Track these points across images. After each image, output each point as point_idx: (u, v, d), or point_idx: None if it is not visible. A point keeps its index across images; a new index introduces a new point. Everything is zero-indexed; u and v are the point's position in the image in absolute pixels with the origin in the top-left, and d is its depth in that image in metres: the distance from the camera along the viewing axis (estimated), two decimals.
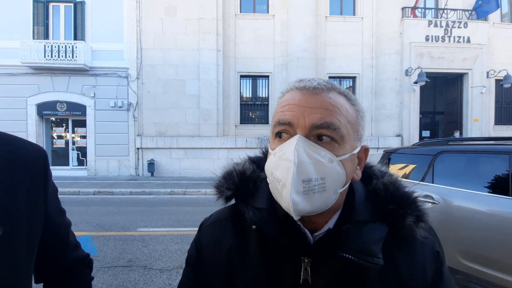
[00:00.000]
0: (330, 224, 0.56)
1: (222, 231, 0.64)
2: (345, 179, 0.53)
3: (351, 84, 12.74)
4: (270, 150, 0.56)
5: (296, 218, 0.50)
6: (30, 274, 0.61)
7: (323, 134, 0.51)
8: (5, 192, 0.54)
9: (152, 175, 11.37)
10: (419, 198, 0.60)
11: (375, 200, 0.59)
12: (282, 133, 0.54)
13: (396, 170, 3.38)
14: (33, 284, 0.67)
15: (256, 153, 0.74)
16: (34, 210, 0.59)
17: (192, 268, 0.66)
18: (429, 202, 2.73)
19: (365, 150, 0.58)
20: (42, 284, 0.75)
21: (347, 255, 0.51)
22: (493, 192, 2.44)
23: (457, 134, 11.36)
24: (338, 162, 0.51)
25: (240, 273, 0.59)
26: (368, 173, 0.64)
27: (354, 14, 12.62)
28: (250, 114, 12.61)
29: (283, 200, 0.50)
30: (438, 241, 2.51)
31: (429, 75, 11.30)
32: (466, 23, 11.83)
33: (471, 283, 2.40)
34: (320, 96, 0.53)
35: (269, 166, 0.54)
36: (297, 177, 0.48)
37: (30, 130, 11.38)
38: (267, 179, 0.56)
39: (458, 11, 12.10)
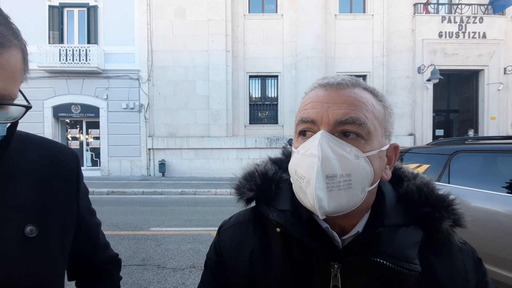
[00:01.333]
0: (359, 227, 0.53)
1: (243, 233, 0.62)
2: (373, 177, 0.50)
3: None
4: (293, 149, 0.55)
5: (321, 217, 0.48)
6: (63, 272, 0.63)
7: (348, 130, 0.49)
8: (41, 193, 0.56)
9: (163, 175, 11.52)
10: (455, 201, 0.56)
11: (408, 203, 0.55)
12: (306, 131, 0.52)
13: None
14: (66, 282, 0.69)
15: (277, 154, 0.72)
16: (67, 211, 0.61)
17: (211, 272, 0.63)
18: None
19: (394, 148, 0.56)
20: (74, 282, 0.77)
21: (381, 260, 0.48)
22: None
23: (471, 133, 11.03)
24: (365, 159, 0.49)
25: (263, 278, 0.56)
26: (398, 174, 0.61)
27: (364, 12, 12.45)
28: (259, 114, 12.61)
29: (307, 198, 0.48)
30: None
31: (443, 72, 11.04)
32: (481, 18, 11.50)
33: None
34: (345, 92, 0.51)
35: (292, 165, 0.53)
36: (322, 172, 0.46)
37: (47, 132, 11.70)
38: (291, 178, 0.55)
39: (473, 6, 11.76)
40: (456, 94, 13.69)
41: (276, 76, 12.34)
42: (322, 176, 0.46)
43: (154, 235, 4.77)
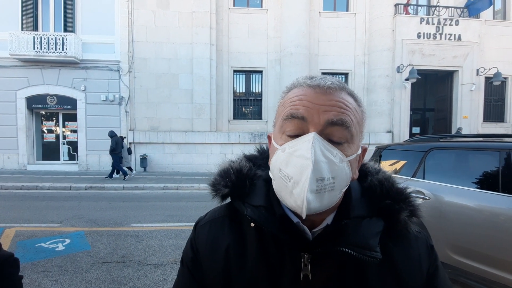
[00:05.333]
0: (328, 220, 0.56)
1: (219, 230, 0.63)
2: (350, 179, 0.54)
3: (343, 81, 12.80)
4: (276, 146, 0.55)
5: (304, 216, 0.50)
6: None
7: (335, 134, 0.51)
8: None
9: (145, 170, 11.29)
10: (412, 194, 0.61)
11: (371, 196, 0.59)
12: (295, 135, 0.53)
13: (387, 166, 3.44)
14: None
15: (251, 151, 0.74)
16: None
17: (188, 269, 0.64)
18: (420, 197, 2.79)
19: (364, 150, 0.59)
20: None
21: (346, 249, 0.52)
22: (482, 188, 2.51)
23: (460, 131, 11.50)
24: (347, 162, 0.52)
25: (238, 272, 0.58)
26: (363, 170, 0.65)
27: (347, 10, 12.63)
28: (243, 109, 12.58)
29: (292, 198, 0.50)
30: (429, 235, 2.58)
31: (420, 72, 11.44)
32: (457, 20, 11.97)
33: (460, 277, 2.48)
34: (333, 96, 0.53)
35: (276, 162, 0.53)
36: (313, 175, 0.47)
37: (20, 124, 11.14)
38: (272, 174, 0.56)
39: (450, 8, 12.23)
40: (432, 93, 14.25)
41: (261, 72, 12.32)
42: (314, 179, 0.47)
43: (135, 231, 4.69)
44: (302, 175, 0.48)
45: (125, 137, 10.44)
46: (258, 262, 0.57)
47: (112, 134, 9.79)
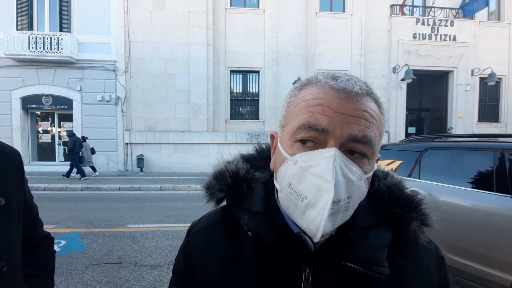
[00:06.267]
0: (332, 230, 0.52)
1: (213, 237, 0.58)
2: (364, 196, 0.49)
3: None
4: (285, 155, 0.49)
5: (316, 240, 0.44)
6: (20, 240, 0.77)
7: (357, 148, 0.45)
8: (1, 178, 0.75)
9: (141, 170, 11.23)
10: (423, 201, 0.55)
11: (378, 204, 0.54)
12: (308, 140, 0.46)
13: (383, 166, 3.45)
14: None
15: (248, 150, 0.68)
16: (18, 191, 0.79)
17: (180, 279, 0.60)
18: None
19: (377, 159, 0.53)
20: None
21: (350, 264, 0.47)
22: (477, 187, 2.53)
23: (453, 132, 11.65)
24: (364, 180, 0.46)
25: (234, 285, 0.53)
26: None
27: (343, 11, 12.69)
28: (240, 109, 12.58)
29: (305, 219, 0.45)
30: (437, 246, 2.59)
31: (416, 72, 11.51)
32: (452, 21, 12.08)
33: (456, 276, 2.50)
34: (361, 104, 0.46)
35: (286, 175, 0.48)
36: (333, 199, 0.42)
37: (15, 124, 11.04)
38: (278, 186, 0.51)
39: (445, 9, 12.33)
40: (427, 93, 14.35)
41: (258, 72, 12.33)
42: (332, 203, 0.42)
43: (131, 232, 4.66)
44: (320, 198, 0.42)
45: (87, 137, 10.41)
46: (255, 274, 0.53)
47: (70, 134, 9.72)
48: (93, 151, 10.49)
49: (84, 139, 10.17)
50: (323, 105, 0.45)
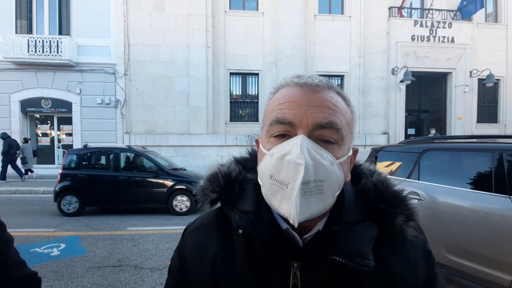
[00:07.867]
0: (320, 226, 0.54)
1: (207, 237, 0.61)
2: (342, 182, 0.51)
3: (339, 83, 12.88)
4: (264, 151, 0.52)
5: (296, 225, 0.46)
6: None
7: (325, 135, 0.49)
8: None
9: None
10: (408, 197, 0.58)
11: (365, 200, 0.57)
12: (281, 134, 0.50)
13: (383, 167, 3.47)
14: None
15: (242, 153, 0.70)
16: None
17: (174, 278, 0.62)
18: (415, 198, 2.82)
19: (355, 152, 0.57)
20: None
21: (337, 258, 0.49)
22: (476, 188, 2.54)
23: (433, 132, 11.64)
24: (338, 165, 0.49)
25: (226, 282, 0.56)
26: (357, 172, 0.62)
27: (342, 13, 12.74)
28: (240, 111, 12.60)
29: (284, 205, 0.47)
30: (426, 240, 2.60)
31: (415, 74, 11.56)
32: (450, 23, 12.14)
33: (455, 277, 2.50)
34: (322, 95, 0.51)
35: (266, 168, 0.50)
36: (302, 179, 0.45)
37: (14, 128, 11.03)
38: (262, 182, 0.53)
39: (443, 11, 12.39)
40: (426, 95, 14.40)
41: (257, 74, 12.36)
42: (301, 183, 0.45)
43: (131, 235, 4.66)
44: (295, 180, 0.45)
45: (29, 139, 10.42)
46: (246, 270, 0.55)
47: (4, 136, 9.63)
48: (35, 154, 10.55)
49: (26, 140, 10.32)
50: (289, 101, 0.51)
